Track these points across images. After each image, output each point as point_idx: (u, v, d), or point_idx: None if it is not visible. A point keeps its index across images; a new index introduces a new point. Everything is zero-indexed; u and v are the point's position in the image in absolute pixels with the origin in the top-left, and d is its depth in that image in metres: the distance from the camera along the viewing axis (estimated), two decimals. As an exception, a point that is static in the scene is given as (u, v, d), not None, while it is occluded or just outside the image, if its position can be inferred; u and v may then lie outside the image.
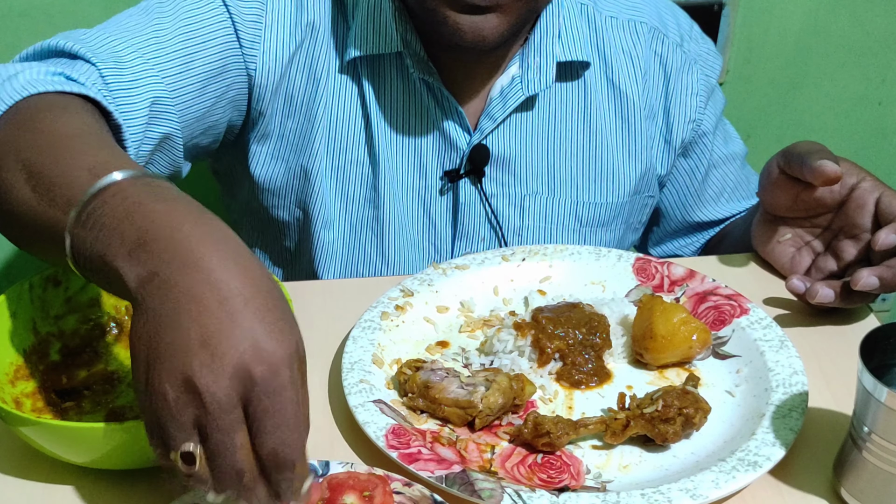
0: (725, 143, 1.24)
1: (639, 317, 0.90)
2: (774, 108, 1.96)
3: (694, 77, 1.17)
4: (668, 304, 0.89)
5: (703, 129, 1.19)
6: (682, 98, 1.17)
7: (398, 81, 1.08)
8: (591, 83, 1.13)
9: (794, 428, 0.80)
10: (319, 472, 0.75)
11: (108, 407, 0.83)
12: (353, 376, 0.85)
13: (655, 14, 1.17)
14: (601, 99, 1.14)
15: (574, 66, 1.11)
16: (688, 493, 0.74)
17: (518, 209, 1.14)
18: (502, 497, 0.74)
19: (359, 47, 1.05)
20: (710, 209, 1.25)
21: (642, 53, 1.14)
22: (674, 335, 0.88)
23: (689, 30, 1.19)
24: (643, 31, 1.15)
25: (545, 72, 1.08)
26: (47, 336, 0.87)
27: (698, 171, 1.22)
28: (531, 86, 1.08)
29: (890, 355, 0.74)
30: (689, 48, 1.18)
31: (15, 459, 0.80)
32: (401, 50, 1.05)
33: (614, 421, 0.80)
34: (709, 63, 1.19)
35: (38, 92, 0.83)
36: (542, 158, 1.13)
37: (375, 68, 1.08)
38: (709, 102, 1.19)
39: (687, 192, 1.23)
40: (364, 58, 1.07)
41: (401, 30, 1.04)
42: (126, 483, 0.78)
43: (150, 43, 0.97)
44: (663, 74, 1.16)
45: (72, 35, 0.95)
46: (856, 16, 1.87)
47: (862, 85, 1.96)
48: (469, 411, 0.82)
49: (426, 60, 1.06)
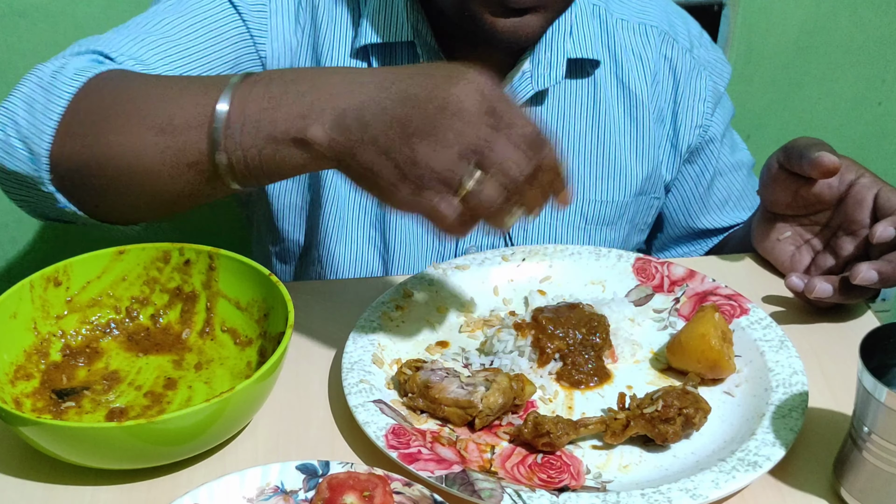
0: (732, 151, 1.24)
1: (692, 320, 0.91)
2: (774, 108, 1.96)
3: (703, 83, 1.17)
4: (712, 319, 0.88)
5: (710, 135, 1.19)
6: (690, 103, 1.17)
7: None
8: (602, 81, 1.13)
9: (794, 428, 0.80)
10: (319, 472, 0.76)
11: (108, 407, 0.84)
12: (353, 376, 0.85)
13: (665, 19, 1.17)
14: (611, 97, 1.14)
15: (584, 64, 1.12)
16: (688, 493, 0.74)
17: None
18: (502, 497, 0.74)
19: (369, 35, 1.06)
20: (715, 217, 1.24)
21: (652, 56, 1.15)
22: (688, 343, 0.87)
23: (698, 36, 1.20)
24: (653, 34, 1.15)
25: (555, 67, 1.09)
26: (48, 336, 0.87)
27: (703, 178, 1.22)
28: (541, 80, 1.08)
29: (890, 355, 0.74)
30: (699, 54, 1.18)
31: (15, 459, 0.80)
32: (412, 39, 1.05)
33: (614, 421, 0.80)
34: (717, 70, 1.19)
35: (93, 75, 0.86)
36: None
37: (387, 56, 1.08)
38: (717, 109, 1.19)
39: (692, 199, 1.23)
40: (376, 45, 1.07)
41: (412, 19, 1.05)
42: (126, 483, 0.78)
43: (165, 44, 0.98)
44: (672, 78, 1.16)
45: (89, 41, 0.96)
46: (856, 16, 1.87)
47: (862, 85, 1.96)
48: (469, 411, 0.82)
49: (437, 50, 1.06)
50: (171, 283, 0.91)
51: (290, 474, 0.75)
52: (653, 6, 1.17)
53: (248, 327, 0.89)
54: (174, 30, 0.99)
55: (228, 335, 0.90)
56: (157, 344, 0.90)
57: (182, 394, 0.85)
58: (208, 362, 0.89)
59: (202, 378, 0.87)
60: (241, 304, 0.90)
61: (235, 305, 0.90)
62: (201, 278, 0.91)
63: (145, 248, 0.90)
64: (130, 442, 0.74)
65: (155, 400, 0.84)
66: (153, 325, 0.91)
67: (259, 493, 0.74)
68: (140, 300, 0.92)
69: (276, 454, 0.82)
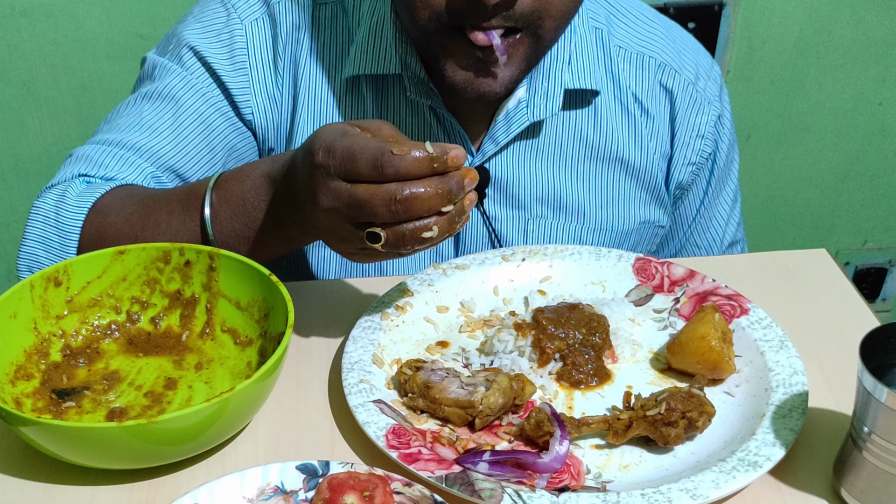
0: (721, 189, 1.21)
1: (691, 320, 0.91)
2: (774, 108, 1.96)
3: (703, 119, 1.14)
4: (712, 319, 0.88)
5: (701, 175, 1.17)
6: (686, 139, 1.14)
7: (401, 100, 1.07)
8: (604, 108, 1.11)
9: (794, 428, 0.80)
10: (320, 472, 0.76)
11: (108, 407, 0.83)
12: (353, 376, 0.85)
13: (671, 49, 1.14)
14: (614, 125, 1.11)
15: (583, 94, 1.09)
16: (688, 493, 0.74)
17: (521, 232, 1.12)
18: (502, 497, 0.74)
19: (359, 67, 1.05)
20: (709, 242, 1.23)
21: (649, 87, 1.12)
22: (688, 344, 0.87)
23: (708, 69, 1.16)
24: (651, 65, 1.12)
25: (552, 98, 1.06)
26: (48, 336, 0.87)
27: (687, 217, 1.21)
28: (537, 111, 1.06)
29: (890, 355, 0.74)
30: (704, 87, 1.14)
31: (15, 459, 0.80)
32: (399, 72, 1.04)
33: (617, 421, 0.80)
34: (720, 106, 1.16)
35: (92, 204, 0.98)
36: (548, 183, 1.11)
37: (379, 87, 1.07)
38: (716, 148, 1.16)
39: (685, 229, 1.22)
40: (367, 76, 1.07)
41: (400, 51, 1.04)
42: (126, 483, 0.78)
43: (154, 156, 1.05)
44: (670, 109, 1.13)
45: (78, 163, 1.04)
46: (856, 16, 1.87)
47: (862, 85, 1.96)
48: (469, 411, 0.82)
49: (427, 82, 1.04)
50: (171, 284, 0.91)
51: (291, 474, 0.75)
52: (658, 35, 1.14)
53: (249, 327, 0.89)
54: (161, 136, 1.05)
55: (229, 335, 0.90)
56: (158, 346, 0.90)
57: (182, 394, 0.85)
58: (208, 362, 0.89)
59: (202, 378, 0.87)
60: (242, 305, 0.90)
61: (236, 305, 0.90)
62: (201, 279, 0.91)
63: (146, 248, 0.90)
64: (130, 442, 0.74)
65: (155, 400, 0.84)
66: (153, 328, 0.91)
67: (259, 493, 0.74)
68: (140, 301, 0.92)
69: (276, 454, 0.82)
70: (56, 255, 0.98)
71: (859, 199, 2.09)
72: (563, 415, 0.82)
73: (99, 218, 0.97)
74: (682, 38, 1.17)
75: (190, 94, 1.07)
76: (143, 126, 1.05)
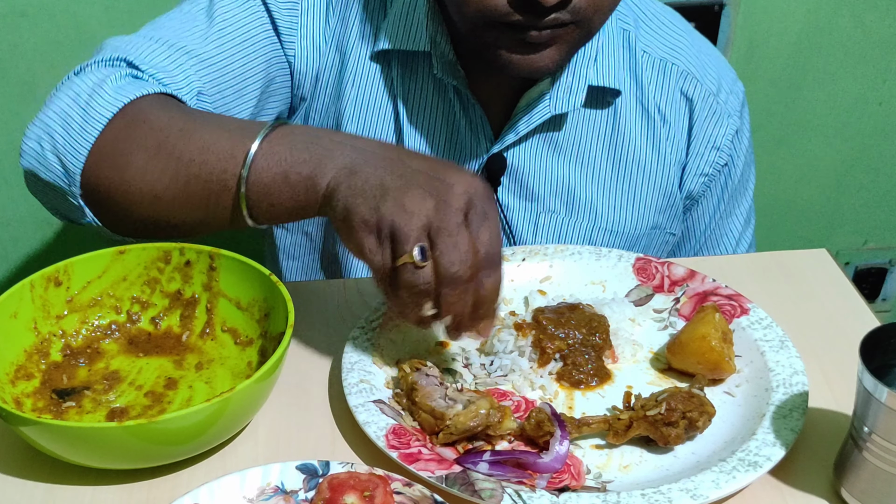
0: (736, 203, 1.20)
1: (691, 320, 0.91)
2: (775, 108, 1.96)
3: (721, 131, 1.14)
4: (712, 319, 0.88)
5: (712, 185, 1.17)
6: (700, 149, 1.14)
7: (429, 78, 1.07)
8: (624, 110, 1.11)
9: (794, 428, 0.80)
10: (320, 472, 0.76)
11: (108, 407, 0.84)
12: (353, 376, 0.85)
13: (695, 59, 1.13)
14: (634, 127, 1.11)
15: (605, 94, 1.09)
16: (688, 493, 0.74)
17: (532, 225, 1.12)
18: (502, 497, 0.74)
19: (389, 41, 1.05)
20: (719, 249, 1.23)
21: (670, 93, 1.12)
22: (688, 344, 0.87)
23: (731, 83, 1.16)
24: (674, 72, 1.12)
25: (576, 92, 1.06)
26: (48, 336, 0.87)
27: (700, 227, 1.20)
28: (560, 104, 1.06)
29: (890, 355, 0.74)
30: (725, 100, 1.14)
31: (15, 459, 0.80)
32: (428, 49, 1.04)
33: (617, 421, 0.80)
34: (739, 121, 1.15)
35: (130, 100, 0.89)
36: (564, 179, 1.11)
37: (408, 62, 1.07)
38: (730, 162, 1.16)
39: (696, 239, 1.22)
40: (396, 52, 1.06)
41: (431, 30, 1.04)
42: (126, 483, 0.78)
43: (195, 58, 0.99)
44: (688, 120, 1.13)
45: (118, 44, 0.97)
46: (856, 16, 1.87)
47: (862, 85, 1.96)
48: (438, 423, 0.81)
49: (455, 63, 1.04)
50: (171, 284, 0.91)
51: (291, 474, 0.75)
52: (684, 44, 1.13)
53: (249, 327, 0.89)
54: (205, 41, 1.00)
55: (229, 335, 0.90)
56: (158, 346, 0.90)
57: (182, 394, 0.85)
58: (209, 362, 0.89)
59: (203, 378, 0.87)
60: (242, 304, 0.90)
61: (236, 305, 0.90)
62: (202, 279, 0.91)
63: (146, 248, 0.90)
64: (131, 442, 0.74)
65: (155, 400, 0.84)
66: (154, 328, 0.91)
67: (259, 493, 0.74)
68: (140, 301, 0.92)
69: (276, 454, 0.82)
70: (73, 135, 0.88)
71: (859, 199, 2.09)
72: (563, 415, 0.82)
73: (135, 111, 0.89)
74: (708, 50, 1.17)
75: (238, 11, 1.03)
76: (193, 32, 1.00)
